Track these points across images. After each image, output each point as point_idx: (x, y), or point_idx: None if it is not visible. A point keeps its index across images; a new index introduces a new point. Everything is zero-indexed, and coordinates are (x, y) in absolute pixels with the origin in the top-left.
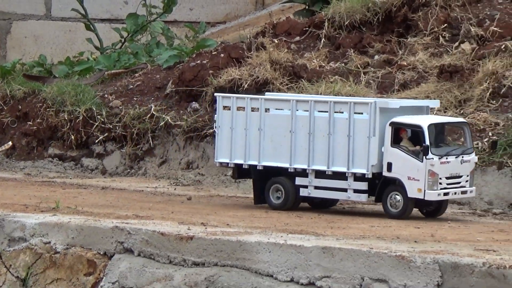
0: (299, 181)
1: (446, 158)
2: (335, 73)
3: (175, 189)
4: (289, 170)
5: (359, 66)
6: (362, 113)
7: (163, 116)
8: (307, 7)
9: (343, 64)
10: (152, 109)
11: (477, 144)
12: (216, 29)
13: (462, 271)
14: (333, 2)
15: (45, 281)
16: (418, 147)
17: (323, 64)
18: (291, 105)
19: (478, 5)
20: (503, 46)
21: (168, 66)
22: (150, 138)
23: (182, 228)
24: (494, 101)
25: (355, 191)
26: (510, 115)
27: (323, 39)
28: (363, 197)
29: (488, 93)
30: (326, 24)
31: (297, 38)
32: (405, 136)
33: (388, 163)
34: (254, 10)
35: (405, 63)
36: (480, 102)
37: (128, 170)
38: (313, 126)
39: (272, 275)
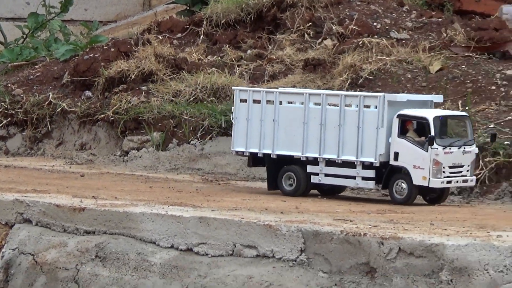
0: (310, 169)
1: (450, 148)
2: (212, 65)
3: (70, 167)
4: (301, 159)
5: (233, 59)
6: (370, 106)
7: (60, 103)
8: (188, 8)
9: (219, 58)
10: (50, 97)
11: None
12: (107, 27)
13: (322, 238)
14: (211, 3)
15: None
16: (423, 138)
17: (202, 58)
18: (304, 98)
19: (339, 6)
20: (361, 42)
21: (64, 59)
22: (48, 123)
23: (75, 200)
24: (353, 91)
25: (363, 178)
26: None
27: (202, 36)
28: (371, 184)
29: (347, 83)
30: (204, 22)
31: (179, 35)
32: (411, 128)
33: (395, 152)
34: (141, 10)
35: (274, 57)
36: (340, 90)
37: (29, 150)
38: (325, 118)
39: (154, 242)
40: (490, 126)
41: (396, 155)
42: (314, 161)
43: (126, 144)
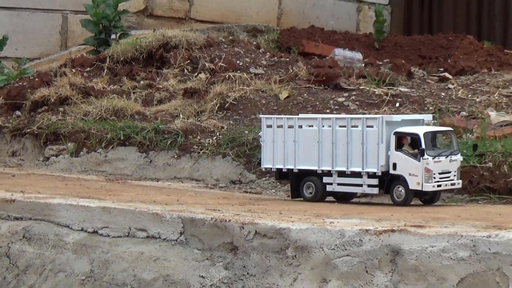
0: (325, 179)
1: (438, 158)
2: (114, 92)
3: (3, 169)
4: (317, 171)
5: (129, 88)
6: (372, 126)
7: None
8: (95, 48)
9: (119, 86)
10: None
11: (209, 141)
12: (33, 63)
13: (197, 223)
14: (112, 45)
15: None
16: (416, 150)
17: (106, 86)
18: (318, 122)
19: (211, 48)
20: (227, 76)
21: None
22: None
23: (7, 194)
24: (221, 112)
25: (369, 185)
26: (231, 122)
27: (105, 70)
28: (375, 190)
29: (217, 107)
30: (108, 59)
31: (88, 69)
32: (406, 142)
33: (393, 163)
34: (59, 50)
35: (161, 86)
36: (211, 113)
37: None
38: (335, 137)
39: (68, 226)
40: None
41: (395, 165)
42: (328, 173)
43: (47, 152)
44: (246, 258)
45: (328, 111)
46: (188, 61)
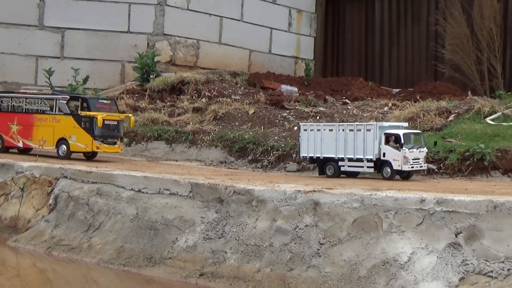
0: (340, 163)
1: (412, 149)
2: (151, 109)
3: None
4: (335, 158)
5: (161, 106)
6: (370, 130)
7: None
8: (141, 83)
9: (154, 106)
10: None
11: (207, 138)
12: (104, 91)
13: (199, 186)
14: (151, 81)
15: (31, 189)
16: (398, 145)
17: (147, 106)
18: (335, 127)
19: (208, 84)
20: (218, 100)
21: None
22: None
23: (87, 168)
24: (214, 121)
25: (368, 167)
26: (220, 127)
27: (147, 96)
28: (371, 170)
29: (212, 118)
30: (148, 90)
31: (136, 95)
32: (392, 140)
33: (383, 153)
34: (119, 84)
35: (179, 106)
36: (209, 121)
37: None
38: (346, 136)
39: (123, 187)
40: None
41: (384, 154)
42: (342, 159)
43: None
44: (228, 206)
45: (277, 121)
46: (195, 91)
